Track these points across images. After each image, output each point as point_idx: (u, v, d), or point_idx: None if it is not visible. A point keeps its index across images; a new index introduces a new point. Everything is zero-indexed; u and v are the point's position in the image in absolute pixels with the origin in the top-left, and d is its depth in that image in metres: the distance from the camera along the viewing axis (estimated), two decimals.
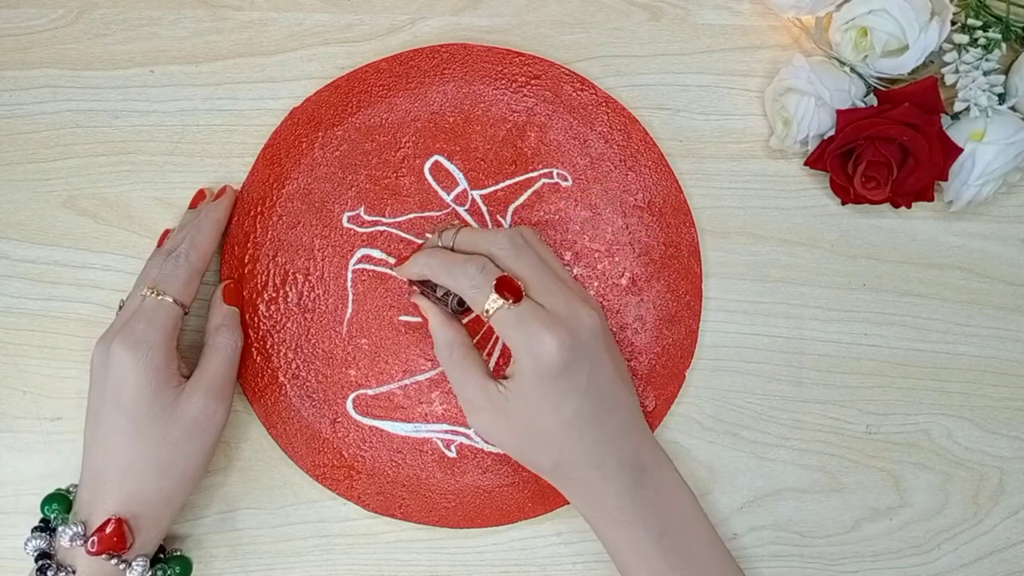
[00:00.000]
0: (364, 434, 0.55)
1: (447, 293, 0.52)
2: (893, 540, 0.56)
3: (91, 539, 0.48)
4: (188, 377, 0.51)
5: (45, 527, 0.50)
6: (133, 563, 0.49)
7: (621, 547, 0.50)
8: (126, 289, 0.54)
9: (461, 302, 0.51)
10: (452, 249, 0.52)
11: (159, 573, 0.51)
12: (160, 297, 0.50)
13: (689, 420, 0.57)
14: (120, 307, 0.53)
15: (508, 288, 0.48)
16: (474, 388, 0.50)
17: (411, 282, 0.54)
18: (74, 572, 0.48)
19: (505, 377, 0.50)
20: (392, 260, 0.56)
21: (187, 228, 0.54)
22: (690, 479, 0.53)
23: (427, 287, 0.53)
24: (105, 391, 0.49)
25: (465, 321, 0.54)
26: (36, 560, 0.49)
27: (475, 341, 0.56)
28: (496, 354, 0.56)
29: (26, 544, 0.49)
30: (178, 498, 0.51)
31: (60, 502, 0.50)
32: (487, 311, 0.48)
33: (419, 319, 0.56)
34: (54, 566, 0.48)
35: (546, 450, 0.49)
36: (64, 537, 0.48)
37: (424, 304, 0.53)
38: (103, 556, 0.48)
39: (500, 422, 0.50)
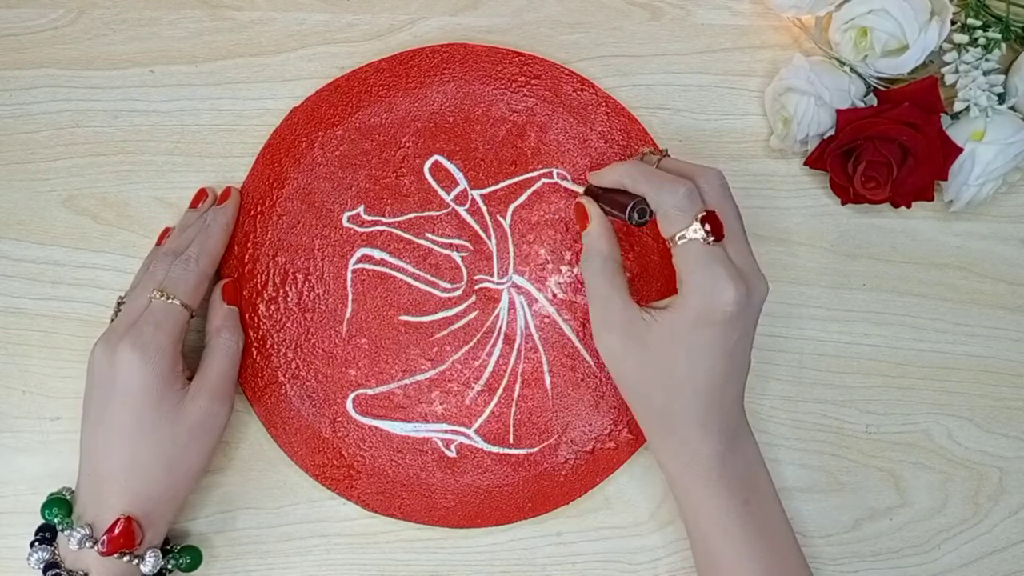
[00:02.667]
0: (364, 434, 0.55)
1: (631, 206, 0.48)
2: (893, 540, 0.56)
3: (101, 540, 0.48)
4: (190, 378, 0.52)
5: (44, 538, 0.50)
6: (145, 556, 0.50)
7: (701, 507, 0.49)
8: (126, 289, 0.54)
9: (643, 212, 0.48)
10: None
11: (171, 563, 0.52)
12: (170, 301, 0.50)
13: None
14: (118, 305, 0.53)
15: (714, 225, 0.47)
16: (618, 306, 0.48)
17: (585, 191, 0.53)
18: (87, 575, 0.48)
19: (651, 306, 0.48)
20: (392, 260, 0.56)
21: (192, 230, 0.54)
22: None
23: (605, 200, 0.51)
24: (111, 392, 0.49)
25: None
26: (44, 572, 0.49)
27: (480, 335, 0.56)
28: (496, 354, 0.56)
29: (29, 558, 0.49)
30: (183, 494, 0.51)
31: (61, 506, 0.50)
32: (681, 236, 0.46)
33: (419, 319, 0.56)
34: (65, 574, 0.48)
35: (663, 391, 0.48)
36: (72, 541, 0.48)
37: (592, 208, 0.51)
38: (115, 555, 0.48)
39: (630, 348, 0.48)
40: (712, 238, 0.46)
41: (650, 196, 0.48)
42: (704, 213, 0.47)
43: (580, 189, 0.56)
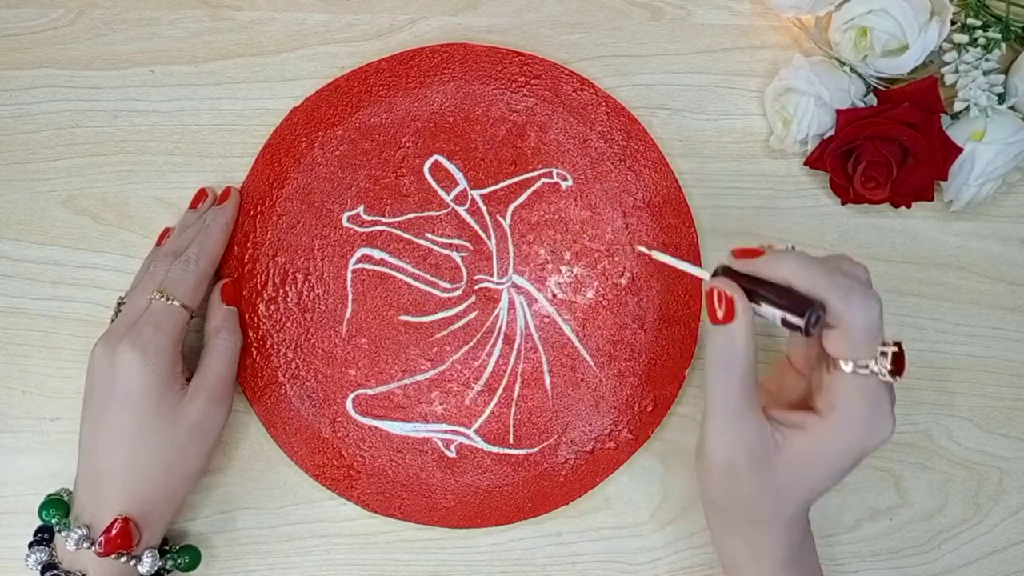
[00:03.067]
0: (364, 434, 0.55)
1: (810, 314, 0.41)
2: (893, 540, 0.56)
3: (99, 540, 0.48)
4: (189, 378, 0.52)
5: (41, 539, 0.50)
6: (143, 557, 0.50)
7: None
8: (126, 289, 0.54)
9: (817, 322, 0.41)
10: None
11: (169, 563, 0.52)
12: (170, 302, 0.50)
13: (689, 420, 0.56)
14: (118, 305, 0.53)
15: (899, 364, 0.42)
16: (752, 427, 0.43)
17: (723, 272, 0.44)
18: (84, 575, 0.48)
19: (781, 422, 0.44)
20: (392, 260, 0.56)
21: (192, 230, 0.54)
22: (691, 479, 0.53)
23: (753, 292, 0.43)
24: (110, 393, 0.49)
25: None
26: (42, 573, 0.48)
27: (479, 335, 0.56)
28: (496, 354, 0.56)
29: (27, 559, 0.49)
30: (181, 495, 0.51)
31: (58, 507, 0.49)
32: (862, 366, 0.41)
33: (419, 319, 0.56)
34: (62, 574, 0.48)
35: (773, 503, 0.44)
36: (69, 542, 0.48)
37: (740, 300, 0.42)
38: (112, 556, 0.48)
39: (754, 469, 0.43)
40: (895, 377, 0.42)
41: (834, 306, 0.41)
42: (895, 348, 0.42)
43: (706, 275, 0.46)
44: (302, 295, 0.56)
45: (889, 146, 0.53)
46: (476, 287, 0.56)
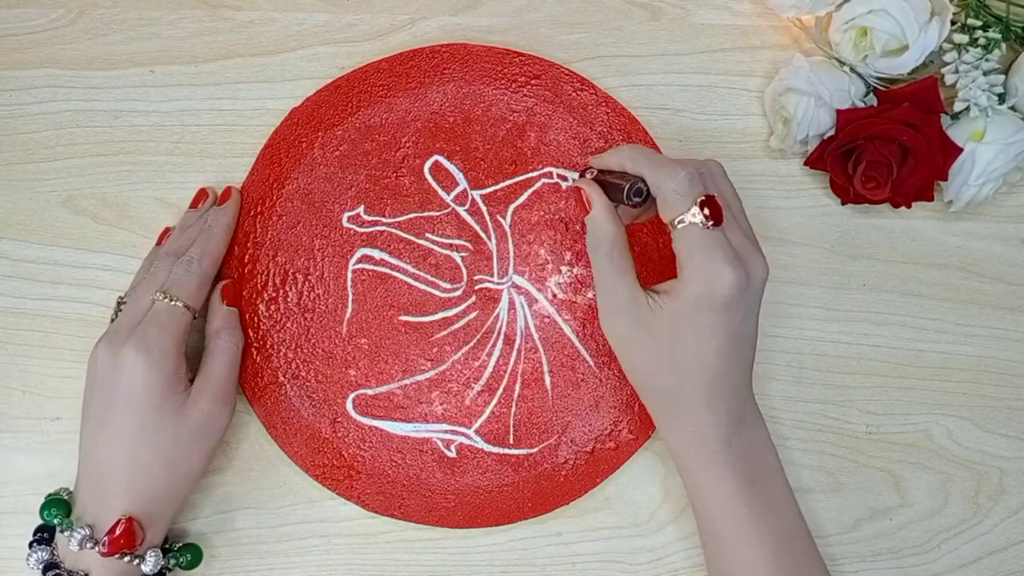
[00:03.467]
0: (364, 434, 0.55)
1: (628, 186, 0.48)
2: (893, 540, 0.56)
3: (103, 540, 0.48)
4: (191, 379, 0.52)
5: (42, 538, 0.50)
6: (146, 556, 0.50)
7: (707, 490, 0.49)
8: (126, 288, 0.54)
9: (640, 192, 0.48)
10: None
11: (171, 561, 0.52)
12: (173, 303, 0.50)
13: None
14: (118, 305, 0.53)
15: (713, 209, 0.47)
16: (624, 293, 0.48)
17: (584, 173, 0.53)
18: (87, 575, 0.48)
19: (656, 291, 0.49)
20: (392, 260, 0.56)
21: (192, 230, 0.54)
22: None
23: (603, 183, 0.51)
24: (114, 393, 0.49)
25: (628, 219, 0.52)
26: (44, 573, 0.49)
27: (480, 335, 0.56)
28: (496, 354, 0.56)
29: (28, 559, 0.49)
30: (183, 494, 0.52)
31: (60, 506, 0.49)
32: (680, 220, 0.47)
33: (419, 319, 0.56)
34: (65, 574, 0.48)
35: (671, 372, 0.48)
36: (72, 542, 0.48)
37: (593, 191, 0.50)
38: (116, 555, 0.48)
39: (636, 332, 0.49)
40: (711, 222, 0.46)
41: (650, 178, 0.48)
42: (703, 197, 0.47)
43: (575, 175, 0.55)
44: (302, 295, 0.56)
45: (889, 146, 0.53)
46: (476, 287, 0.56)
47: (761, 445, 0.51)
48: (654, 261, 0.56)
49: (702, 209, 0.46)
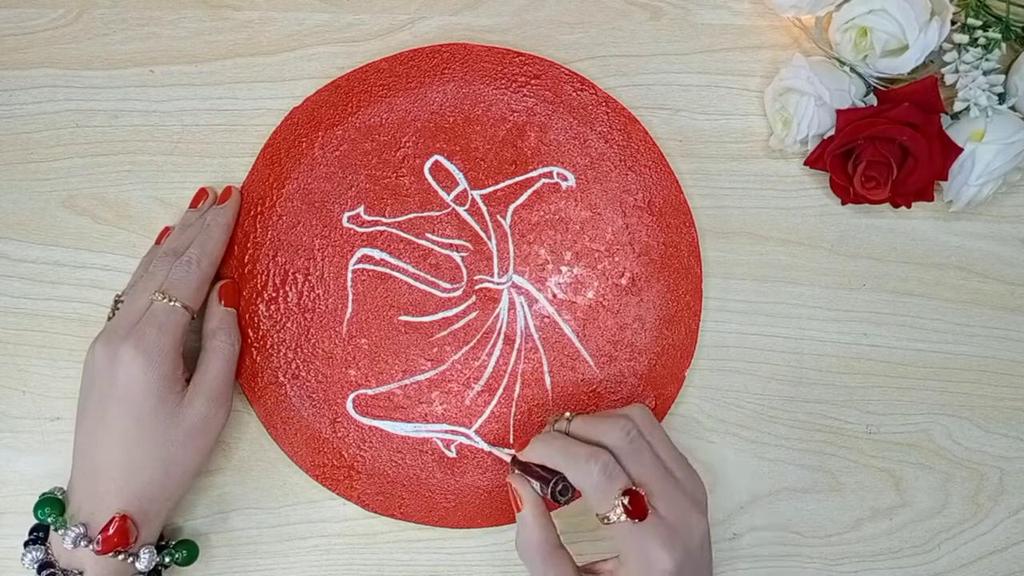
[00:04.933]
0: (364, 434, 0.55)
1: (552, 486, 0.49)
2: (893, 540, 0.56)
3: (96, 539, 0.48)
4: (188, 379, 0.52)
5: (36, 538, 0.50)
6: (140, 554, 0.50)
7: None
8: (124, 288, 0.54)
9: (565, 490, 0.49)
10: (568, 435, 0.51)
11: (166, 559, 0.52)
12: (172, 303, 0.50)
13: (689, 420, 0.57)
14: (115, 304, 0.53)
15: (636, 507, 0.47)
16: None
17: (512, 463, 0.53)
18: (82, 574, 0.48)
19: (596, 573, 0.49)
20: (392, 260, 0.56)
21: (192, 230, 0.54)
22: None
23: (531, 472, 0.51)
24: (110, 392, 0.49)
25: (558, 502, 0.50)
26: (39, 572, 0.49)
27: (480, 335, 0.56)
28: (496, 354, 0.56)
29: (23, 558, 0.49)
30: (179, 493, 0.51)
31: (54, 505, 0.49)
32: (607, 519, 0.47)
33: (419, 319, 0.56)
34: (59, 573, 0.48)
35: None
36: (66, 540, 0.48)
37: (522, 489, 0.50)
38: (110, 554, 0.48)
39: None
40: (636, 519, 0.46)
41: (571, 478, 0.48)
42: (623, 494, 0.46)
43: (508, 455, 0.55)
44: (302, 295, 0.56)
45: (889, 146, 0.53)
46: (476, 287, 0.56)
47: None
48: (655, 261, 0.56)
49: (625, 509, 0.46)
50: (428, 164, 0.56)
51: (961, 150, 0.53)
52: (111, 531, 0.48)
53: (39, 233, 0.57)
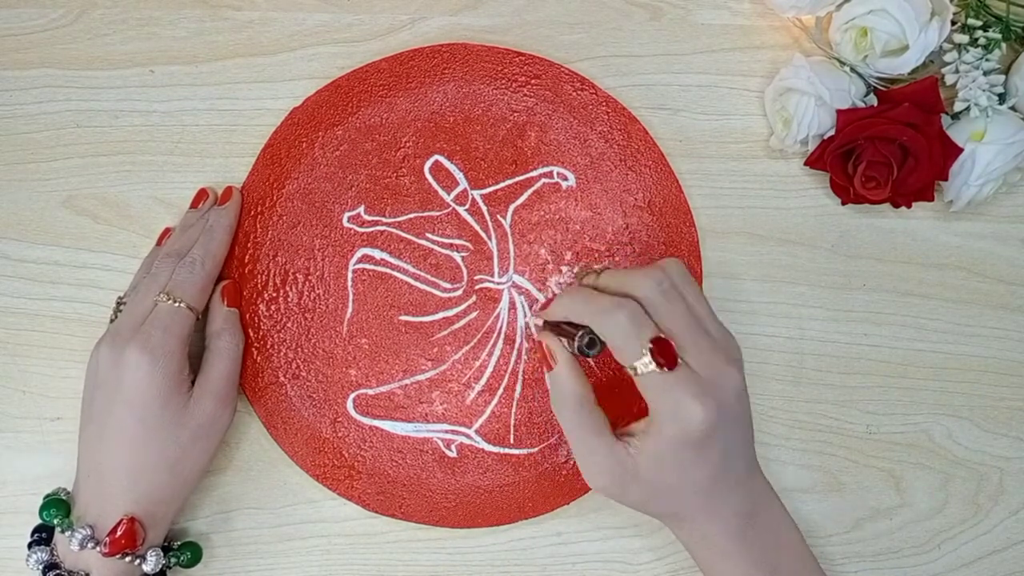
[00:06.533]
0: (364, 434, 0.55)
1: (578, 340, 0.47)
2: (893, 540, 0.56)
3: (104, 540, 0.48)
4: (193, 380, 0.52)
5: (40, 539, 0.50)
6: (147, 556, 0.50)
7: None
8: (125, 289, 0.54)
9: (592, 343, 0.46)
10: (596, 289, 0.49)
11: (172, 560, 0.52)
12: (177, 304, 0.50)
13: None
14: (118, 306, 0.53)
15: (664, 355, 0.45)
16: (603, 452, 0.47)
17: (544, 323, 0.51)
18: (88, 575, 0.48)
19: (630, 434, 0.48)
20: (393, 260, 0.56)
21: (194, 231, 0.54)
22: None
23: (560, 331, 0.49)
24: (116, 394, 0.49)
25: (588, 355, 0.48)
26: (44, 573, 0.48)
27: (480, 335, 0.56)
28: (496, 354, 0.56)
29: (28, 559, 0.49)
30: (185, 494, 0.52)
31: (59, 507, 0.49)
32: (634, 368, 0.45)
33: (419, 319, 0.56)
34: (65, 574, 0.48)
35: (668, 503, 0.48)
36: (73, 542, 0.48)
37: (555, 345, 0.49)
38: (117, 556, 0.48)
39: (626, 483, 0.47)
40: (665, 368, 0.45)
41: (597, 329, 0.46)
42: (652, 342, 0.45)
43: (535, 321, 0.54)
44: (303, 295, 0.56)
45: (889, 146, 0.53)
46: (477, 287, 0.56)
47: (778, 527, 0.49)
48: (656, 261, 0.56)
49: (654, 357, 0.45)
50: (428, 164, 0.56)
51: (961, 150, 0.53)
52: (119, 533, 0.48)
53: (39, 233, 0.57)
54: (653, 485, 0.47)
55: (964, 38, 0.54)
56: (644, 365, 0.45)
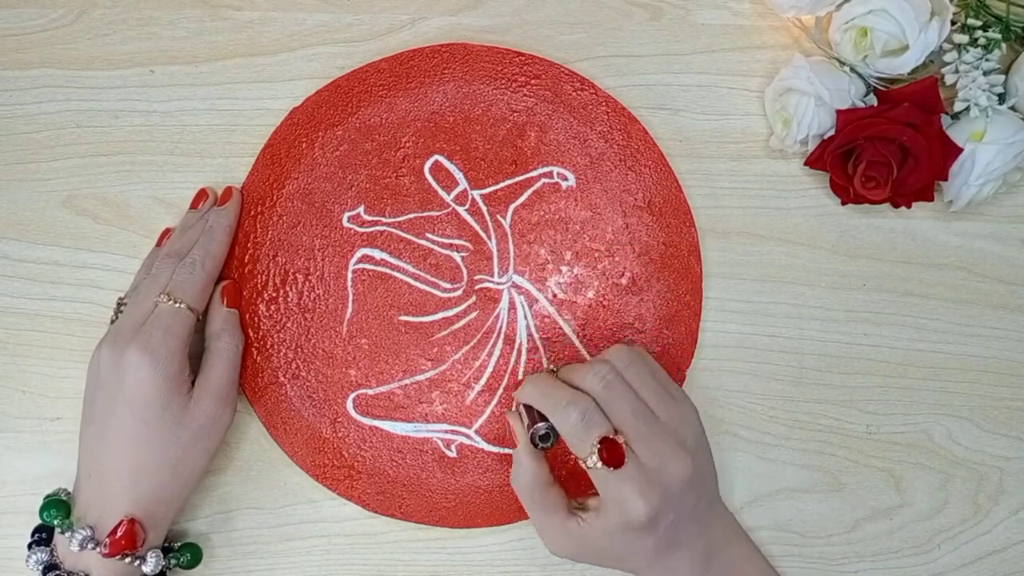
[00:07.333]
0: (364, 434, 0.55)
1: (532, 433, 0.51)
2: (893, 540, 0.56)
3: (104, 541, 0.48)
4: (193, 380, 0.52)
5: (39, 539, 0.50)
6: (147, 557, 0.50)
7: None
8: (126, 289, 0.54)
9: (547, 436, 0.50)
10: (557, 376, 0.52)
11: (171, 561, 0.52)
12: (178, 305, 0.51)
13: None
14: (118, 307, 0.53)
15: (611, 456, 0.47)
16: (557, 527, 0.50)
17: (515, 402, 0.54)
18: None
19: (585, 508, 0.50)
20: (393, 260, 0.56)
21: (194, 231, 0.54)
22: None
23: (530, 409, 0.52)
24: (117, 395, 0.49)
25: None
26: (44, 574, 0.49)
27: (480, 335, 0.56)
28: (496, 354, 0.56)
29: (28, 560, 0.49)
30: (185, 494, 0.52)
31: (60, 507, 0.49)
32: (585, 462, 0.48)
33: (419, 319, 0.56)
34: (65, 575, 0.48)
35: (622, 565, 0.51)
36: (73, 542, 0.48)
37: (517, 429, 0.52)
38: (117, 556, 0.48)
39: (579, 551, 0.51)
40: (611, 467, 0.47)
41: (552, 421, 0.50)
42: (599, 443, 0.47)
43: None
44: (303, 295, 0.56)
45: (889, 146, 0.53)
46: (476, 287, 0.56)
47: (742, 561, 0.52)
48: (655, 261, 0.56)
49: (601, 457, 0.47)
50: (428, 164, 0.56)
51: (961, 150, 0.53)
52: (119, 534, 0.48)
53: (39, 233, 0.57)
54: (605, 553, 0.50)
55: (964, 38, 0.54)
56: (592, 462, 0.48)
